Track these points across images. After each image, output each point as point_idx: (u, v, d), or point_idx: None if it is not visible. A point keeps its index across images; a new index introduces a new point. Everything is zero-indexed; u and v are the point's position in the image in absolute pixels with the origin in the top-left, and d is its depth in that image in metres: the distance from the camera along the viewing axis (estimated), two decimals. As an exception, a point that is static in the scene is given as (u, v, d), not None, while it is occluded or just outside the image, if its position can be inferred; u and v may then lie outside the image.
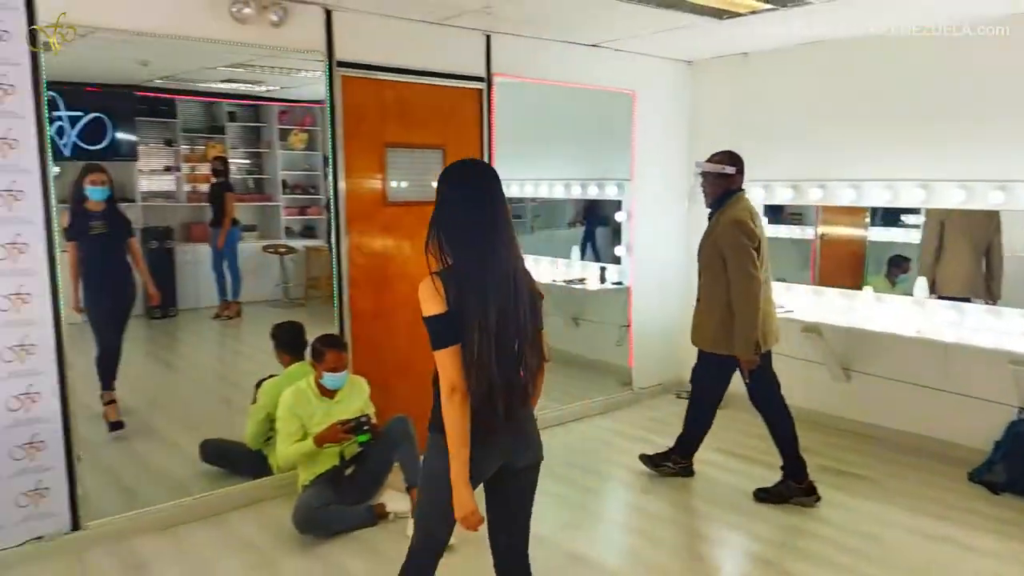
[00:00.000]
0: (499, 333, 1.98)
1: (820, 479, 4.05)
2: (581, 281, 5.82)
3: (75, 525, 3.30)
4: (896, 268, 4.79)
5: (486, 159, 4.50)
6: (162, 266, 5.28)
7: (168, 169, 5.62)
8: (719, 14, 4.07)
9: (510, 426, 2.06)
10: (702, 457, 4.24)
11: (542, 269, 6.27)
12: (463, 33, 4.33)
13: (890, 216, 4.76)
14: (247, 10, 3.50)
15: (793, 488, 3.76)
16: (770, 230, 4.92)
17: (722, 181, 3.67)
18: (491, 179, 2.06)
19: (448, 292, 1.96)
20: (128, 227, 4.41)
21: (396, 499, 3.58)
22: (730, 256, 3.55)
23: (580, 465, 4.31)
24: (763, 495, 3.81)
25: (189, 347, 5.77)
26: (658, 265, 5.54)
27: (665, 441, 4.36)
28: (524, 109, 5.13)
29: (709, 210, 3.78)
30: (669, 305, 5.60)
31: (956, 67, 4.20)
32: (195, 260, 5.53)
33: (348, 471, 3.59)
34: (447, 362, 1.95)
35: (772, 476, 3.93)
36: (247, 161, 6.02)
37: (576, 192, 6.03)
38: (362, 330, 4.10)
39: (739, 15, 4.07)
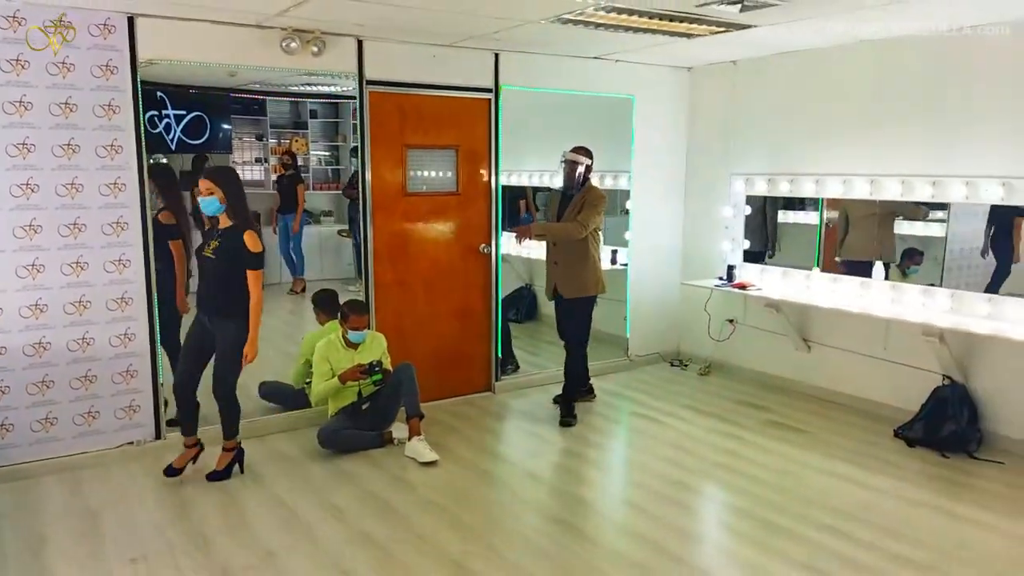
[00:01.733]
0: None
1: (765, 431, 4.77)
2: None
3: (158, 435, 4.42)
4: (909, 260, 5.11)
5: (494, 156, 5.37)
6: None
7: (258, 160, 6.40)
8: (687, 36, 4.79)
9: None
10: (670, 411, 5.02)
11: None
12: (473, 53, 5.19)
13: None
14: (293, 44, 4.48)
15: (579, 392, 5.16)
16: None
17: (579, 169, 4.78)
18: None
19: None
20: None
21: (400, 429, 4.53)
22: (587, 210, 4.70)
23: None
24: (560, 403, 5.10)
25: (265, 315, 6.84)
26: (655, 249, 6.27)
27: (641, 397, 5.16)
28: (545, 108, 5.91)
29: (571, 192, 4.85)
30: (664, 284, 6.33)
31: (894, 76, 4.78)
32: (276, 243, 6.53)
33: (364, 406, 4.55)
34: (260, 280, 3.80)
35: (725, 427, 4.66)
36: (326, 153, 6.76)
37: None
38: (384, 297, 5.07)
39: (702, 36, 4.77)
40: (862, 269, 5.11)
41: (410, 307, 5.19)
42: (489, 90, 5.32)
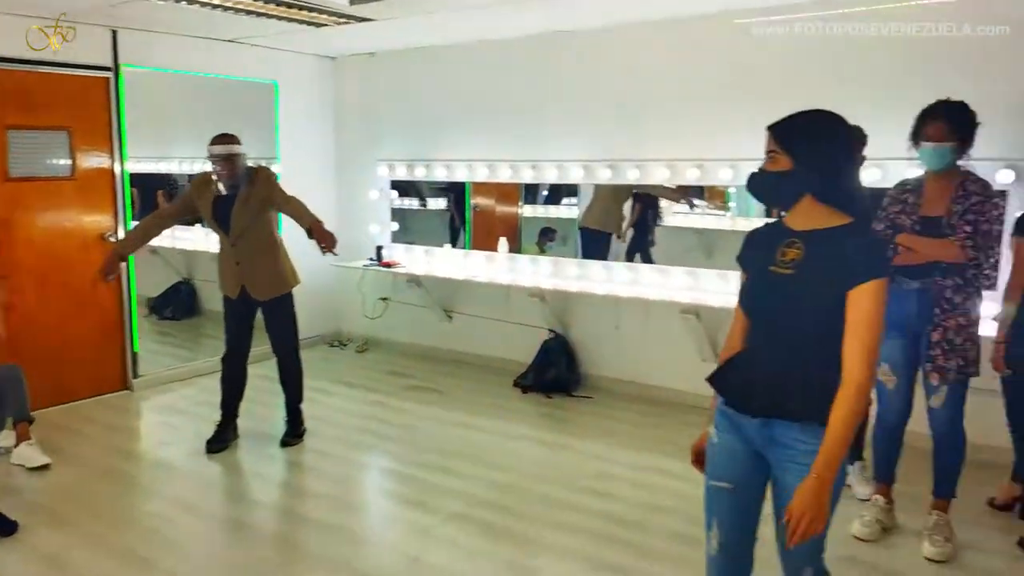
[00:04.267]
0: None
1: (405, 395, 5.17)
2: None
3: None
4: (545, 237, 5.84)
5: (117, 140, 5.07)
6: None
7: None
8: (314, 24, 4.96)
9: None
10: (322, 388, 5.19)
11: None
12: (87, 29, 4.84)
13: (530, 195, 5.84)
14: None
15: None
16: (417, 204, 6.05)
17: (241, 160, 4.03)
18: None
19: None
20: None
21: (6, 437, 4.11)
22: (286, 199, 4.06)
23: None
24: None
25: None
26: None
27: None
28: (188, 92, 5.70)
29: (230, 190, 4.05)
30: (320, 268, 6.49)
31: (506, 73, 5.46)
32: None
33: (-35, 415, 4.07)
34: None
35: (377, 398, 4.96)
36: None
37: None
38: (-15, 292, 4.54)
39: (326, 25, 4.99)
40: (598, 237, 5.50)
41: (18, 302, 4.71)
42: (108, 69, 5.01)
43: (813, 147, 1.80)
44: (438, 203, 6.46)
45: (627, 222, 5.36)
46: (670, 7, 4.49)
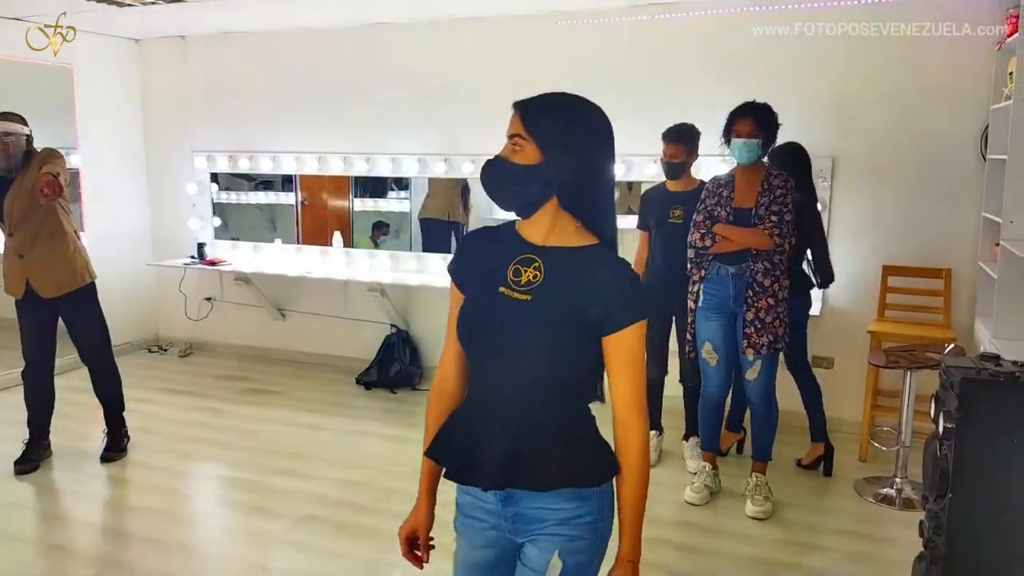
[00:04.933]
0: None
1: (240, 399, 4.92)
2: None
3: None
4: (378, 231, 5.76)
5: None
6: None
7: None
8: (117, 4, 4.55)
9: None
10: (143, 397, 4.79)
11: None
12: None
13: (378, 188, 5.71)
14: None
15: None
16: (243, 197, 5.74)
17: (17, 141, 3.65)
18: None
19: None
20: None
21: None
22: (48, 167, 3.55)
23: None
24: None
25: None
26: (116, 231, 5.88)
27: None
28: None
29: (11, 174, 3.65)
30: (132, 268, 5.99)
31: (329, 62, 5.32)
32: None
33: None
34: None
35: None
36: None
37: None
38: None
39: (132, 5, 4.59)
40: (441, 227, 5.48)
41: None
42: None
43: (569, 137, 1.39)
44: (265, 197, 6.20)
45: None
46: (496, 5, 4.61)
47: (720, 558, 3.05)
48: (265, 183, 6.14)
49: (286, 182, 5.88)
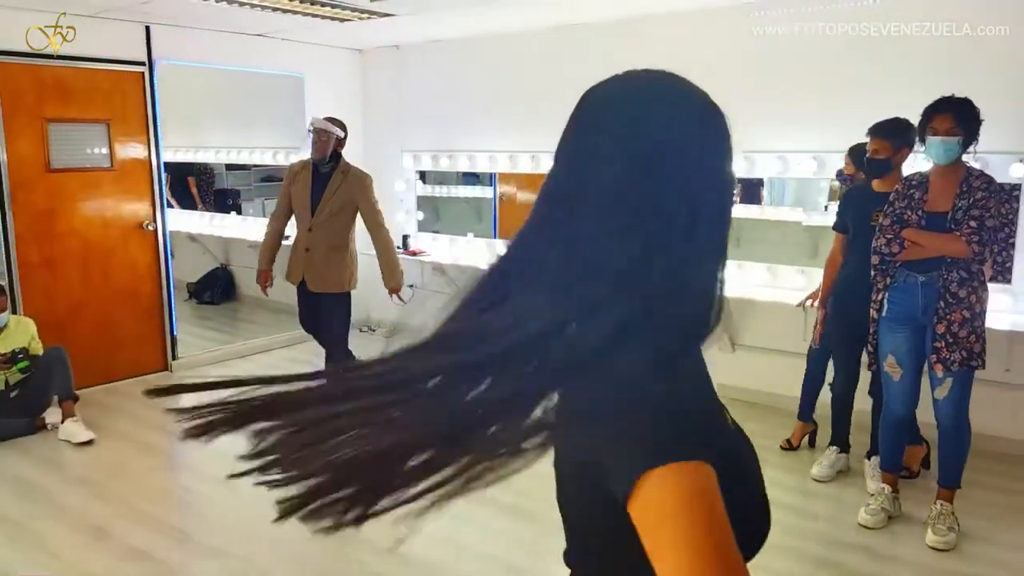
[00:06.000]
0: None
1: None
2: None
3: None
4: None
5: (152, 131, 5.27)
6: None
7: None
8: (338, 20, 5.10)
9: None
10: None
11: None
12: (122, 25, 5.04)
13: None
14: None
15: None
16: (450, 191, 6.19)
17: (334, 141, 4.34)
18: None
19: None
20: None
21: (54, 413, 4.36)
22: (371, 205, 4.39)
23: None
24: None
25: None
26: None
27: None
28: (223, 84, 5.90)
29: (325, 168, 4.38)
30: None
31: (520, 66, 5.55)
32: None
33: (13, 394, 4.32)
34: None
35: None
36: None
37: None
38: (31, 278, 4.79)
39: (349, 20, 5.12)
40: None
41: (63, 288, 4.95)
42: (142, 63, 5.20)
43: None
44: (464, 191, 6.59)
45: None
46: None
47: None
48: (468, 176, 6.52)
49: (488, 178, 6.24)
